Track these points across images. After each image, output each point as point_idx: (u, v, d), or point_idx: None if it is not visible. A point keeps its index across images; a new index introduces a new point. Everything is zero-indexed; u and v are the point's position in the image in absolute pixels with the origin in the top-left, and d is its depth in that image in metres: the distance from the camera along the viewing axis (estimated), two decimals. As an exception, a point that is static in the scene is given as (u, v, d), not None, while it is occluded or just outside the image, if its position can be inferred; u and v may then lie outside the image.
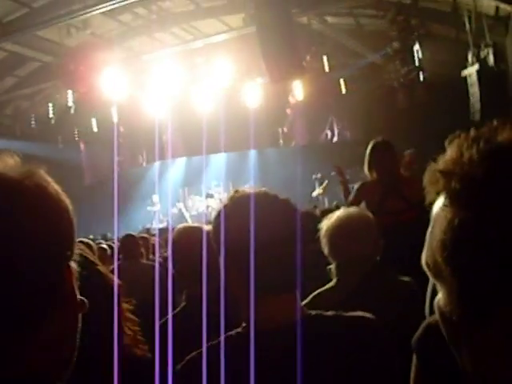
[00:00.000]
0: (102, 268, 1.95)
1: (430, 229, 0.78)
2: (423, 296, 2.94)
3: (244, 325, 1.59)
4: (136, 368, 1.84)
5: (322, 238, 2.85)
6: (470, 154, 0.70)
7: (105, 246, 7.83)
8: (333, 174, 14.40)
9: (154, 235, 11.24)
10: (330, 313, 1.61)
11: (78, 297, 0.89)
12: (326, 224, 2.86)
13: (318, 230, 2.93)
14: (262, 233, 1.49)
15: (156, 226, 17.09)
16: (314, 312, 1.62)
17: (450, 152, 0.73)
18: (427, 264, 0.77)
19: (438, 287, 0.77)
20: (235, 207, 1.58)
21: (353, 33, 15.78)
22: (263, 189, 1.64)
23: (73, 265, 0.88)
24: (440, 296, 0.77)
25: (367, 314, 1.65)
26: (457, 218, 0.70)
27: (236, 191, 1.65)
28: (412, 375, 1.88)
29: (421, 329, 1.98)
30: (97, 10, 12.51)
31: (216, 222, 1.62)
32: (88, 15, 13.18)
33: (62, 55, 15.56)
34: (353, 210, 3.07)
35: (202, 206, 19.01)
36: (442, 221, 0.73)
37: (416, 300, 2.66)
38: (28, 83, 17.25)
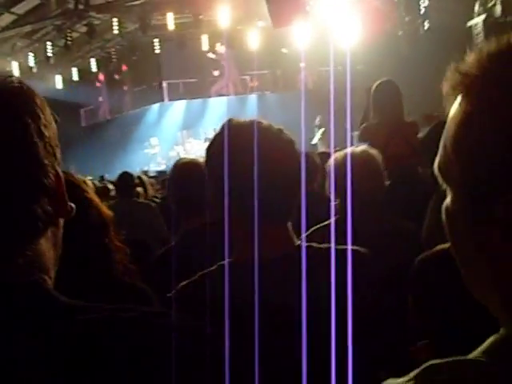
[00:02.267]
0: (94, 198, 1.93)
1: (444, 132, 0.79)
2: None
3: (234, 255, 1.58)
4: (127, 293, 1.86)
5: (328, 174, 2.82)
6: (486, 53, 0.74)
7: (99, 184, 7.82)
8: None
9: (151, 177, 11.25)
10: (322, 245, 1.60)
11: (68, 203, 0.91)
12: (333, 159, 2.83)
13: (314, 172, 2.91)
14: (264, 163, 1.47)
15: (154, 168, 17.08)
16: (306, 244, 1.60)
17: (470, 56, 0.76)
18: (438, 167, 0.79)
19: (447, 192, 0.79)
20: (235, 133, 1.55)
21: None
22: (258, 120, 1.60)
23: (60, 171, 0.89)
24: (448, 200, 0.79)
25: (359, 248, 1.64)
26: (467, 109, 0.74)
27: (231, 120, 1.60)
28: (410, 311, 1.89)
29: (414, 266, 1.99)
30: None
31: (213, 149, 1.59)
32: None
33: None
34: (360, 148, 3.04)
35: (201, 150, 18.96)
36: (453, 116, 0.76)
37: (415, 245, 2.67)
38: (26, 21, 16.96)
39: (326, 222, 2.70)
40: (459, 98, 0.77)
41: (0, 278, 0.79)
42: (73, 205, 0.92)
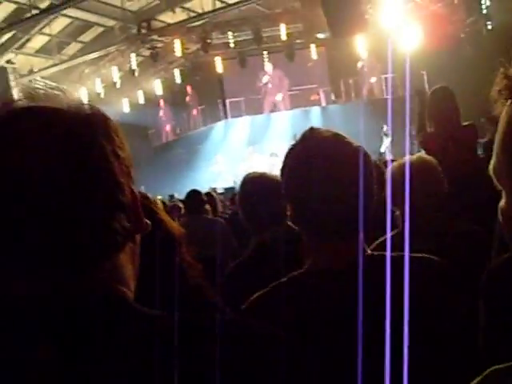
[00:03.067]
0: (164, 217, 1.98)
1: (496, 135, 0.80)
2: (491, 244, 2.89)
3: (306, 266, 1.60)
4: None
5: (388, 184, 2.81)
6: None
7: (168, 203, 7.97)
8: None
9: (219, 194, 11.40)
10: (394, 253, 1.60)
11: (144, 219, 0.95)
12: (390, 169, 2.82)
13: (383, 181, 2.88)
14: (328, 179, 1.49)
15: (221, 185, 17.22)
16: (377, 253, 1.61)
17: None
18: (493, 168, 0.80)
19: (503, 192, 0.80)
20: (311, 145, 1.57)
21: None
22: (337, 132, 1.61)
23: (135, 189, 0.95)
24: (502, 201, 0.80)
25: (432, 256, 1.63)
26: None
27: (309, 132, 1.62)
28: (481, 321, 1.85)
29: (484, 276, 1.95)
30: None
31: (290, 161, 1.61)
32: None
33: (125, 19, 15.75)
34: (416, 155, 3.01)
35: (267, 165, 19.02)
36: (501, 119, 0.78)
37: (483, 248, 2.62)
38: (92, 48, 17.51)
39: (389, 234, 2.68)
40: (508, 102, 0.78)
41: (81, 291, 0.84)
42: (148, 221, 0.96)
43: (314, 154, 1.52)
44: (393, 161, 5.75)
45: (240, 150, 19.95)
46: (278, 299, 1.48)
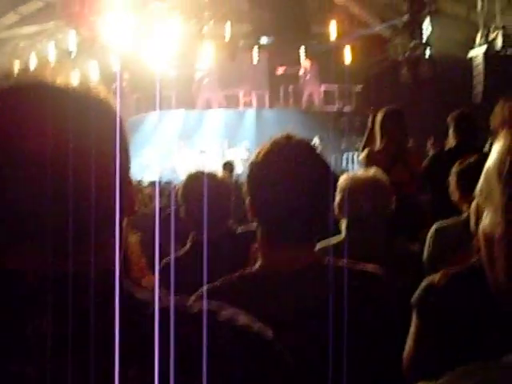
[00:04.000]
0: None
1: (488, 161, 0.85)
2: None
3: (257, 266, 1.62)
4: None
5: (338, 193, 2.89)
6: None
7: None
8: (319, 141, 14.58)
9: (145, 187, 11.23)
10: (343, 262, 1.64)
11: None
12: (343, 180, 2.90)
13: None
14: (289, 185, 1.52)
15: (147, 178, 17.01)
16: (327, 259, 1.65)
17: None
18: (480, 190, 0.85)
19: (485, 212, 0.84)
20: (268, 156, 1.60)
21: (363, 2, 15.65)
22: (300, 139, 1.65)
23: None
24: (485, 221, 0.83)
25: (378, 268, 1.69)
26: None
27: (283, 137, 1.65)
28: (411, 331, 1.93)
29: (421, 288, 2.03)
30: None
31: (254, 164, 1.63)
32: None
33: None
34: (370, 170, 3.12)
35: (196, 162, 18.93)
36: (499, 147, 0.82)
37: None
38: (30, 21, 17.00)
39: (334, 241, 2.75)
40: (504, 133, 0.82)
41: (79, 265, 0.84)
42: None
43: (285, 158, 1.56)
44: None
45: (170, 144, 19.76)
46: (230, 293, 1.50)
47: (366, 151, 4.93)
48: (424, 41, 14.18)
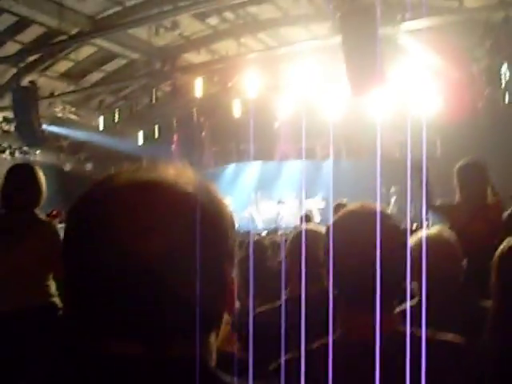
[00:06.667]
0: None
1: None
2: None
3: (337, 334, 1.63)
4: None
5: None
6: None
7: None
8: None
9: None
10: (421, 332, 1.62)
11: None
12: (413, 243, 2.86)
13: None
14: (365, 253, 1.53)
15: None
16: (407, 329, 1.63)
17: None
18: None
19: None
20: (342, 225, 1.62)
21: (439, 49, 15.50)
22: (370, 205, 1.67)
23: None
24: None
25: (458, 338, 1.66)
26: None
27: (343, 207, 1.68)
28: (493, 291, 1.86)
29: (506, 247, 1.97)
30: (187, 11, 12.71)
31: (326, 236, 1.66)
32: (178, 16, 13.48)
33: (150, 54, 15.98)
34: (439, 230, 3.07)
35: (273, 212, 19.06)
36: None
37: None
38: (114, 79, 17.73)
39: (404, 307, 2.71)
40: None
41: (171, 356, 0.88)
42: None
43: (360, 227, 1.57)
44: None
45: (247, 195, 20.00)
46: (311, 363, 1.51)
47: (447, 204, 4.84)
48: (503, 86, 13.91)
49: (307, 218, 13.07)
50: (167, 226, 0.86)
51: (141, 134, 20.29)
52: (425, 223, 4.84)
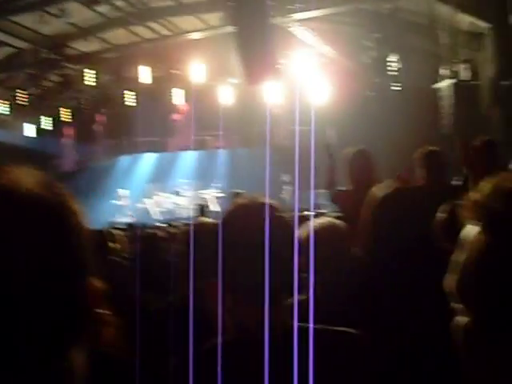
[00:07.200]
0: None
1: (456, 253, 0.88)
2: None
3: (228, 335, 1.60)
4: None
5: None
6: (501, 192, 0.84)
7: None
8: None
9: (119, 229, 11.13)
10: (317, 326, 1.61)
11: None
12: (303, 233, 2.87)
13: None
14: (254, 249, 1.52)
15: (121, 220, 16.90)
16: (299, 324, 1.62)
17: (486, 187, 0.86)
18: (457, 288, 0.87)
19: (461, 310, 0.87)
20: (230, 219, 1.61)
21: (329, 39, 15.83)
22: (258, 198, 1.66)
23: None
24: (462, 318, 0.86)
25: (351, 330, 1.67)
26: (489, 244, 0.83)
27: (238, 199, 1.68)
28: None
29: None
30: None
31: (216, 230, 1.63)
32: (65, 3, 13.07)
33: (37, 42, 15.42)
34: (328, 220, 3.12)
35: (169, 203, 18.95)
36: (475, 244, 0.85)
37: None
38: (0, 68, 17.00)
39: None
40: (479, 228, 0.85)
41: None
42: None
43: (249, 222, 1.55)
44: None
45: (142, 186, 19.75)
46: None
47: (335, 190, 4.95)
48: (390, 75, 14.39)
49: (201, 208, 13.11)
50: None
51: (31, 127, 19.55)
52: (312, 212, 4.93)
